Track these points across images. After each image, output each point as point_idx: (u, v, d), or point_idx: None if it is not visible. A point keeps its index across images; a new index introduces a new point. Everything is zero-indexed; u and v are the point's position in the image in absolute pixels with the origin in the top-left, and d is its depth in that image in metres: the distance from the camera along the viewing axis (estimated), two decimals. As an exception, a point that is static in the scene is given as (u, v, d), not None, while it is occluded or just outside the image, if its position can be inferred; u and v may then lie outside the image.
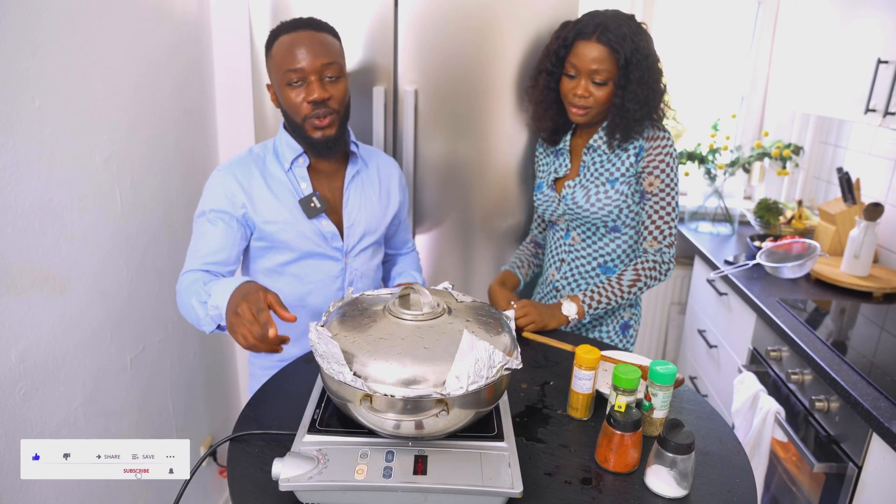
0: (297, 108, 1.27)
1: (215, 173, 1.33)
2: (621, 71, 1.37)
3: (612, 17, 1.38)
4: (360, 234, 1.41)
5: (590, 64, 1.38)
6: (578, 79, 1.41)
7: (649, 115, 1.43)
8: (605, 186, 1.47)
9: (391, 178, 1.50)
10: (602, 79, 1.39)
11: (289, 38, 1.26)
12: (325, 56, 1.25)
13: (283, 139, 1.36)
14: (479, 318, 0.97)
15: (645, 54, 1.37)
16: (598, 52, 1.37)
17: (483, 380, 0.84)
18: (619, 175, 1.46)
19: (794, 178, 2.65)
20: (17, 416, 1.16)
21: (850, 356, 1.52)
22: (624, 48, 1.35)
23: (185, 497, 0.96)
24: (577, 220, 1.53)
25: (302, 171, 1.36)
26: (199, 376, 1.96)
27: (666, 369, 1.01)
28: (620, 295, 1.44)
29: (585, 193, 1.49)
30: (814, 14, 2.15)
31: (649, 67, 1.38)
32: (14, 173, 1.12)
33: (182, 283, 1.26)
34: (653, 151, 1.43)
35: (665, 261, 1.46)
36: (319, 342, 0.87)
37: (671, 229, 1.46)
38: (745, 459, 1.00)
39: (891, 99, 1.69)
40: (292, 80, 1.25)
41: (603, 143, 1.48)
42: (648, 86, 1.39)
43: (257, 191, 1.32)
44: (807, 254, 2.01)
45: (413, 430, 0.86)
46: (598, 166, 1.49)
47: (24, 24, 1.13)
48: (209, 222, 1.30)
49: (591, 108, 1.43)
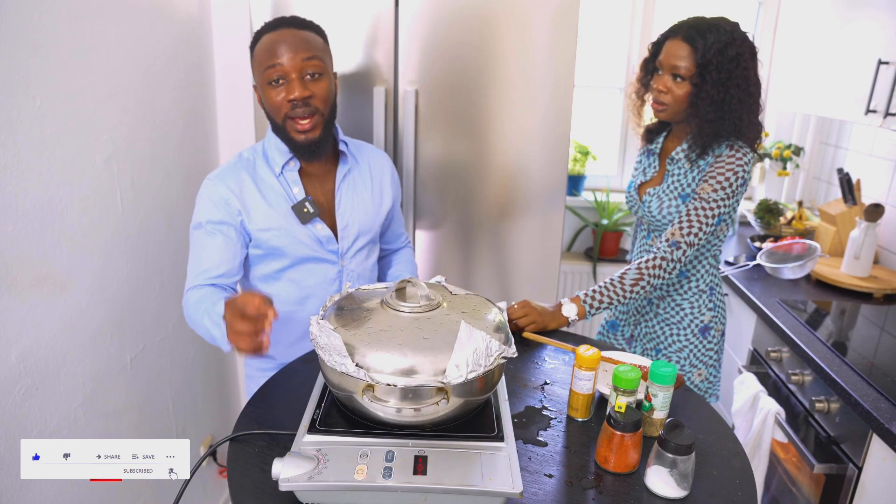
0: (277, 107, 1.25)
1: (207, 182, 1.30)
2: (700, 70, 1.38)
3: (709, 21, 1.40)
4: (354, 235, 1.40)
5: (672, 59, 1.41)
6: (662, 74, 1.44)
7: (725, 122, 1.39)
8: (677, 201, 1.49)
9: (383, 172, 1.47)
10: (681, 75, 1.40)
11: (269, 37, 1.24)
12: (305, 51, 1.22)
13: (272, 142, 1.33)
14: (474, 309, 0.99)
15: (729, 59, 1.36)
16: (681, 49, 1.39)
17: (481, 368, 0.88)
18: (689, 191, 1.47)
19: (794, 179, 2.65)
20: (17, 415, 1.16)
21: (850, 357, 1.52)
22: (706, 48, 1.36)
23: (185, 497, 0.96)
24: (653, 225, 1.56)
25: (293, 175, 1.33)
26: (199, 376, 1.96)
27: (666, 370, 1.01)
28: (622, 294, 1.43)
29: (660, 204, 1.51)
30: (814, 15, 2.15)
31: (731, 73, 1.36)
32: (14, 173, 1.12)
33: (189, 302, 1.25)
34: (717, 164, 1.42)
35: (675, 258, 1.41)
36: (321, 335, 0.89)
37: (701, 229, 1.41)
38: (746, 460, 1.00)
39: (891, 100, 1.69)
40: (272, 77, 1.23)
41: (683, 155, 1.49)
42: (726, 90, 1.37)
43: (250, 198, 1.29)
44: (807, 255, 2.01)
45: (413, 417, 0.89)
46: (676, 179, 1.51)
47: (25, 24, 1.13)
48: (207, 234, 1.28)
49: (669, 106, 1.44)
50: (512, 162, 1.79)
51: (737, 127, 1.40)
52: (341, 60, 1.71)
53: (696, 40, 1.37)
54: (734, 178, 1.40)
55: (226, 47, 1.92)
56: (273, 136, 1.33)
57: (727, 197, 1.41)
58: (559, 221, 1.85)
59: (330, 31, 1.34)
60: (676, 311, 1.57)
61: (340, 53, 1.70)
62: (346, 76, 1.72)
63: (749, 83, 1.39)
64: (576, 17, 1.66)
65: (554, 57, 1.70)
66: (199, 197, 1.30)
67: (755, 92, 1.41)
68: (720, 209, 1.41)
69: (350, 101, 1.75)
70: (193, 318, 1.24)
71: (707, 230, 1.42)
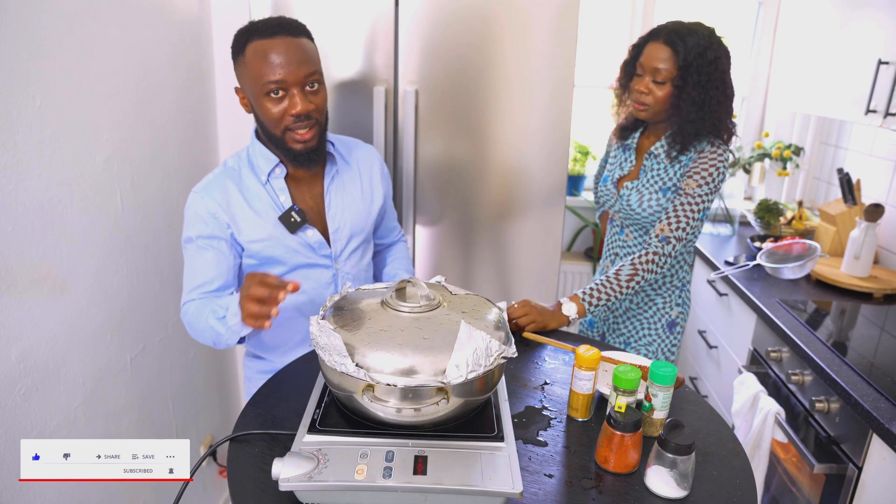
0: (277, 120, 1.22)
1: (193, 196, 1.28)
2: (681, 72, 1.44)
3: (688, 25, 1.45)
4: (347, 237, 1.38)
5: (653, 62, 1.46)
6: (643, 76, 1.49)
7: (705, 123, 1.46)
8: (658, 194, 1.53)
9: (372, 168, 1.45)
10: (662, 77, 1.45)
11: (265, 44, 1.18)
12: (307, 65, 1.20)
13: (256, 149, 1.30)
14: (474, 309, 0.99)
15: (709, 62, 1.42)
16: (662, 53, 1.45)
17: (481, 368, 0.88)
18: (670, 185, 1.52)
19: (794, 179, 2.65)
20: (17, 415, 1.16)
21: (850, 357, 1.52)
22: (687, 51, 1.42)
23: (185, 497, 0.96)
24: (629, 219, 1.59)
25: (280, 182, 1.30)
26: (199, 376, 1.96)
27: (666, 370, 1.01)
28: (619, 290, 1.46)
29: (639, 197, 1.55)
30: (814, 15, 2.15)
31: (710, 75, 1.43)
32: (14, 173, 1.12)
33: (188, 312, 1.26)
34: (700, 160, 1.48)
35: (665, 252, 1.47)
36: (321, 335, 0.89)
37: (689, 224, 1.47)
38: (745, 460, 1.00)
39: (891, 100, 1.69)
40: (271, 90, 1.19)
41: (663, 151, 1.54)
42: (706, 92, 1.43)
43: (238, 210, 1.27)
44: (807, 255, 2.01)
45: (413, 417, 0.89)
46: (655, 173, 1.55)
47: (25, 24, 1.13)
48: (199, 250, 1.27)
49: (651, 106, 1.49)
50: (512, 162, 1.79)
51: (716, 126, 1.47)
52: (341, 61, 1.71)
53: (677, 44, 1.42)
54: (716, 173, 1.47)
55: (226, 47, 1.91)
56: (257, 143, 1.30)
57: (711, 192, 1.48)
58: (559, 221, 1.85)
59: (330, 31, 1.34)
60: (650, 306, 1.64)
61: (340, 54, 1.71)
62: (346, 76, 1.72)
63: (726, 85, 1.47)
64: (576, 17, 1.67)
65: (554, 57, 1.70)
66: (187, 211, 1.28)
67: (731, 94, 1.49)
68: (705, 203, 1.48)
69: (350, 101, 1.75)
70: (195, 325, 1.24)
71: (694, 224, 1.48)
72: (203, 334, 1.24)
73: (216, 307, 1.20)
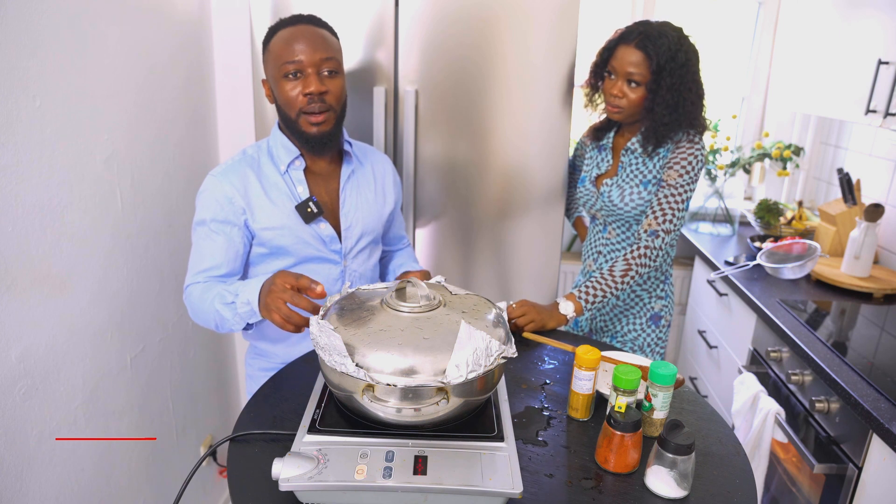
0: (292, 101, 1.25)
1: (210, 179, 1.29)
2: (654, 76, 1.46)
3: (657, 26, 1.47)
4: (357, 235, 1.40)
5: (626, 66, 1.48)
6: (616, 80, 1.51)
7: (679, 122, 1.49)
8: (639, 188, 1.56)
9: (385, 175, 1.49)
10: (636, 81, 1.48)
11: (288, 31, 1.25)
12: (323, 50, 1.24)
13: (277, 140, 1.33)
14: (474, 309, 0.99)
15: (680, 64, 1.45)
16: (635, 57, 1.47)
17: (481, 368, 0.88)
18: (651, 178, 1.54)
19: (794, 179, 2.65)
20: (17, 415, 1.16)
21: (850, 357, 1.52)
22: (659, 55, 1.44)
23: (185, 497, 0.96)
24: (612, 216, 1.62)
25: (298, 173, 1.33)
26: (199, 376, 1.96)
27: (666, 370, 1.01)
28: (615, 286, 1.48)
29: (620, 193, 1.58)
30: (814, 15, 2.15)
31: (683, 77, 1.46)
32: (14, 173, 1.12)
33: (193, 294, 1.26)
34: (678, 151, 1.51)
35: (656, 246, 1.49)
36: (321, 335, 0.89)
37: (675, 216, 1.49)
38: (745, 460, 1.00)
39: (891, 100, 1.69)
40: (289, 71, 1.23)
41: (639, 146, 1.56)
42: (679, 94, 1.46)
43: (254, 196, 1.29)
44: (807, 255, 2.01)
45: (413, 417, 0.89)
46: (634, 168, 1.58)
47: (25, 24, 1.13)
48: (210, 233, 1.28)
49: (625, 109, 1.52)
50: (512, 162, 1.79)
51: (691, 124, 1.50)
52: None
53: (649, 47, 1.45)
54: (696, 162, 1.50)
55: (226, 47, 1.92)
56: (279, 134, 1.34)
57: (692, 181, 1.51)
58: (559, 221, 1.85)
59: (330, 31, 1.34)
60: (635, 302, 1.66)
61: (340, 53, 1.70)
62: (347, 76, 1.72)
63: (698, 85, 1.50)
64: (576, 17, 1.67)
65: (554, 57, 1.70)
66: (202, 193, 1.29)
67: (703, 93, 1.52)
68: (687, 193, 1.51)
69: (350, 102, 1.74)
70: (199, 307, 1.25)
71: (679, 215, 1.50)
72: (206, 317, 1.24)
73: (223, 292, 1.21)
